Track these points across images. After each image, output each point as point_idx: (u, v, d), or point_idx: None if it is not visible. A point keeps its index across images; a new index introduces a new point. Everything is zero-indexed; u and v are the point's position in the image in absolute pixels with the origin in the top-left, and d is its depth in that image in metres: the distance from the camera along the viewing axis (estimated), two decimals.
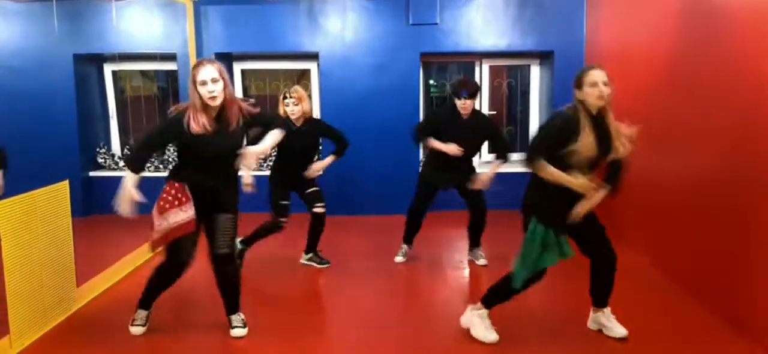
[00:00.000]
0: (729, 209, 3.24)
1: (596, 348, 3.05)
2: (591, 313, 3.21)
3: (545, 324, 3.38)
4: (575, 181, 2.77)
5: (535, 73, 6.54)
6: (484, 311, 3.10)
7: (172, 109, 3.04)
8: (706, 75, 3.51)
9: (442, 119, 4.24)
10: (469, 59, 6.41)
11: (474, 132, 4.19)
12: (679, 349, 3.01)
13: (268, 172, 4.33)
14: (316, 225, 4.35)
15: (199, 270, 3.46)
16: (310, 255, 4.48)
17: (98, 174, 6.33)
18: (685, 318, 3.38)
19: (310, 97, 4.34)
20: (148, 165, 6.08)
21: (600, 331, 3.17)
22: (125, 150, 6.49)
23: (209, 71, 2.89)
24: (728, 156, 3.26)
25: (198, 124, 2.90)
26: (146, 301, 3.28)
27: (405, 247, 4.56)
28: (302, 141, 4.19)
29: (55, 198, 3.43)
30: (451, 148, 4.07)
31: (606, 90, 2.77)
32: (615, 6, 5.17)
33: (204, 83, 2.88)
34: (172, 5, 5.64)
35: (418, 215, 4.43)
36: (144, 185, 2.90)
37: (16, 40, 5.94)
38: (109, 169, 6.35)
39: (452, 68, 6.68)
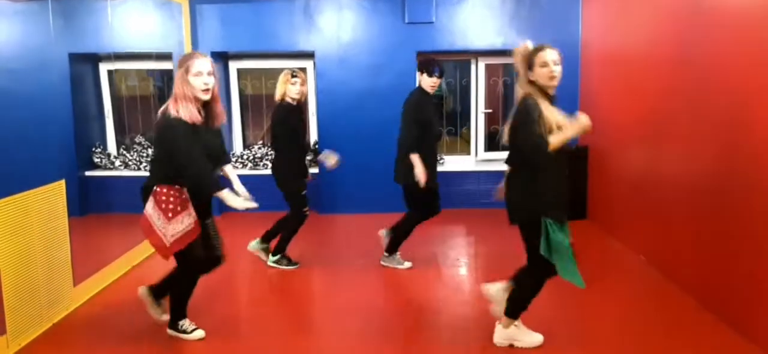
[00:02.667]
0: (724, 207, 3.26)
1: (592, 347, 3.08)
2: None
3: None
4: (573, 126, 2.71)
5: None
6: (516, 321, 3.01)
7: (159, 114, 2.87)
8: (700, 73, 3.53)
9: (423, 106, 4.10)
10: (464, 58, 6.42)
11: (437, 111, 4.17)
12: (674, 346, 3.03)
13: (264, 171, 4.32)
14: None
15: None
16: (278, 256, 4.42)
17: (94, 174, 6.31)
18: (681, 315, 3.40)
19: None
20: (142, 163, 6.06)
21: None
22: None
23: (206, 63, 2.82)
24: (723, 154, 3.28)
25: (191, 114, 2.77)
26: (180, 310, 3.15)
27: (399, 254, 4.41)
28: (302, 117, 4.28)
29: (51, 198, 3.43)
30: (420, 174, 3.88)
31: (557, 69, 2.76)
32: (610, 5, 5.19)
33: (199, 74, 2.79)
34: (167, 4, 5.63)
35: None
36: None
37: (12, 39, 5.91)
38: (105, 168, 6.34)
39: (448, 67, 6.68)
